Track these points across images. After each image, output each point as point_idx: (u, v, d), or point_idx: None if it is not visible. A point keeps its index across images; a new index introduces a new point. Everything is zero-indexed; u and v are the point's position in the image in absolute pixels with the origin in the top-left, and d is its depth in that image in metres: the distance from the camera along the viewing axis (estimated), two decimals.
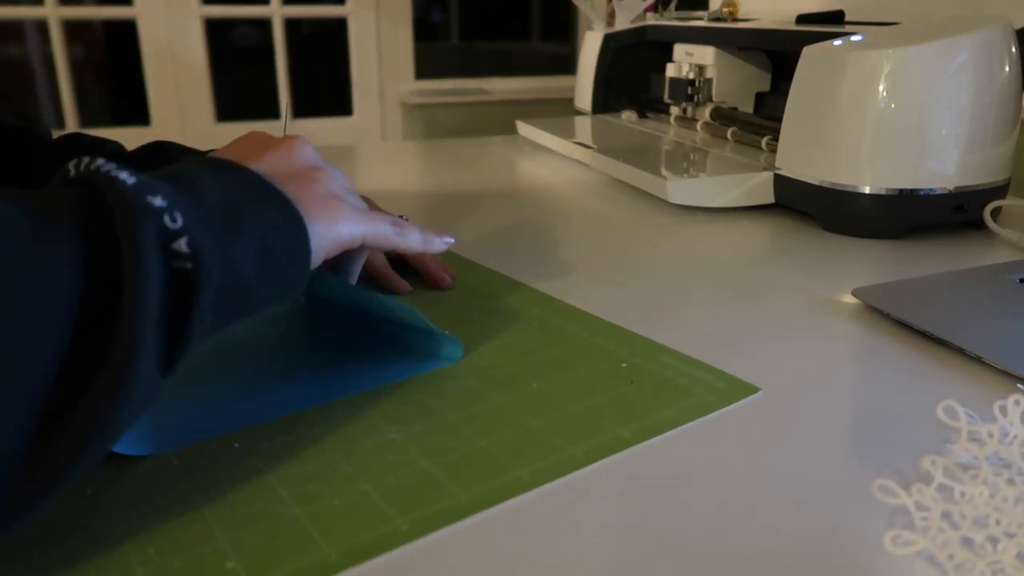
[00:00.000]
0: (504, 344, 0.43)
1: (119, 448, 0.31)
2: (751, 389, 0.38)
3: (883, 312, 0.47)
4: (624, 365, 0.40)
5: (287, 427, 0.35)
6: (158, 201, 0.26)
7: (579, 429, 0.34)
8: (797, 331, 0.45)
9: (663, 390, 0.38)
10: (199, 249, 0.26)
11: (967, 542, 0.26)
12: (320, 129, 2.68)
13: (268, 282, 0.30)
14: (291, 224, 0.32)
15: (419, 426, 0.35)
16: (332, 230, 0.35)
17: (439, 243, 0.44)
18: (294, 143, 0.38)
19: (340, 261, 0.42)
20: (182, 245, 0.26)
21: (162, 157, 0.51)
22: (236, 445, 0.33)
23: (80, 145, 0.52)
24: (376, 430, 0.34)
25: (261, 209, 0.31)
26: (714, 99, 0.91)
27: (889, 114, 0.60)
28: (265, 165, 0.35)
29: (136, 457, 0.32)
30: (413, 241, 0.42)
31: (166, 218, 0.26)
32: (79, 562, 0.26)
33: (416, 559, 0.27)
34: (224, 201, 0.29)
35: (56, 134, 0.53)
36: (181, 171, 0.30)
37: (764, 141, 0.77)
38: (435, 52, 3.01)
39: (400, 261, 0.53)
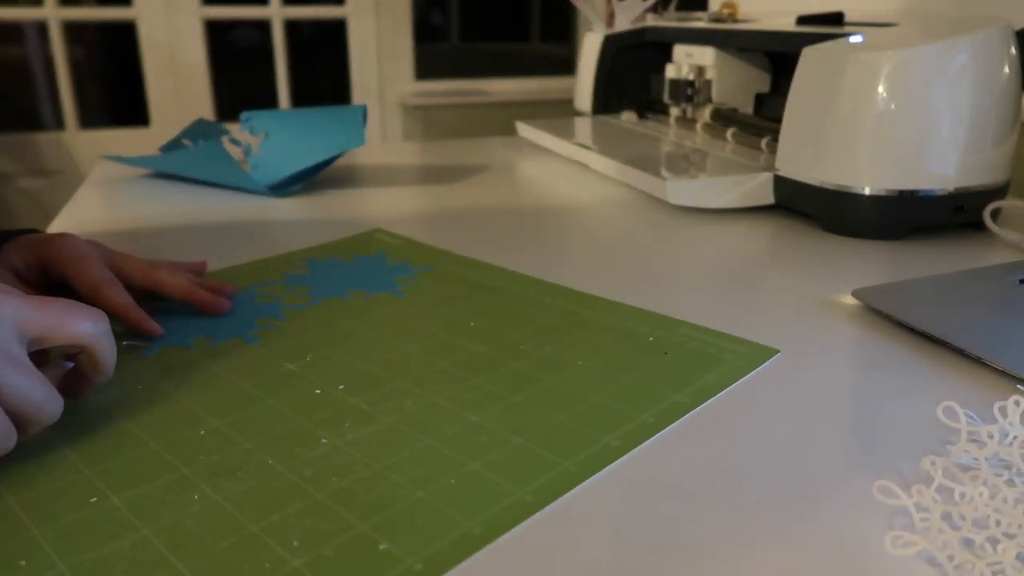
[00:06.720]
0: (531, 331, 0.45)
1: None
2: (771, 351, 0.42)
3: (883, 313, 0.47)
4: (651, 339, 0.43)
5: (366, 419, 0.36)
6: None
7: (641, 399, 0.37)
8: (797, 332, 0.45)
9: (696, 360, 0.41)
10: None
11: (967, 543, 0.26)
12: None
13: None
14: None
15: (495, 408, 0.36)
16: None
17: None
18: None
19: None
20: None
21: None
22: (325, 438, 0.34)
23: None
24: (453, 416, 0.36)
25: None
26: (714, 100, 0.91)
27: (889, 115, 0.61)
28: None
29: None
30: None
31: None
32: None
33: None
34: None
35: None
36: None
37: (764, 142, 0.77)
38: (435, 53, 3.01)
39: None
